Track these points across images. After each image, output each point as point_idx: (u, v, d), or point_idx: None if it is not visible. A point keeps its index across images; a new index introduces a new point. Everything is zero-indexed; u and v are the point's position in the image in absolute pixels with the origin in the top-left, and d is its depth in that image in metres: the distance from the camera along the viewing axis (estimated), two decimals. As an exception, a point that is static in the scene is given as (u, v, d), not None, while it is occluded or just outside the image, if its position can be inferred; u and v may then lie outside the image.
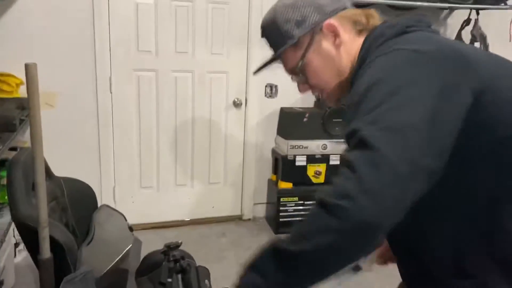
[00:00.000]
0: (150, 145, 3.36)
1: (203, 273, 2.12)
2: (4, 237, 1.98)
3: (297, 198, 3.35)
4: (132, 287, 1.90)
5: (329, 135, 3.32)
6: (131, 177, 3.37)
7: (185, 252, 1.99)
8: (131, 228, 2.32)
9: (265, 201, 3.67)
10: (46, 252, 1.46)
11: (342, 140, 3.13)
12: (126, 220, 2.26)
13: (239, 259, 3.00)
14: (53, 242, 1.51)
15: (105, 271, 1.78)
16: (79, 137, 3.12)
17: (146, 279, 1.94)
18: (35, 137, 1.35)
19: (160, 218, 3.48)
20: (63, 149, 3.01)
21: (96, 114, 3.12)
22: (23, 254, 2.41)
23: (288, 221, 3.37)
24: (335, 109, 3.23)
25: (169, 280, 1.86)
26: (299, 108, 3.38)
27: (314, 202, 0.76)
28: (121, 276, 1.90)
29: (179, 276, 1.95)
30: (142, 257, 2.11)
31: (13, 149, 2.17)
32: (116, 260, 1.99)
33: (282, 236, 0.77)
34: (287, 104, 3.42)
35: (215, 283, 2.23)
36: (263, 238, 3.36)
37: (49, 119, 2.94)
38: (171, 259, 1.87)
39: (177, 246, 1.79)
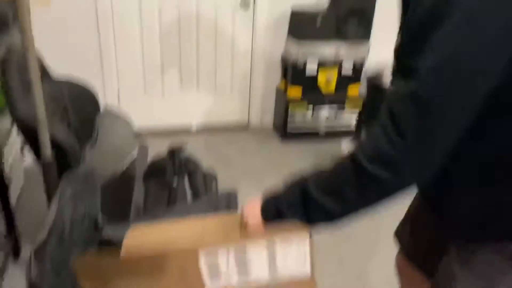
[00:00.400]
0: (153, 51, 3.21)
1: (210, 177, 2.10)
2: (7, 138, 1.94)
3: (306, 106, 3.27)
4: (139, 192, 1.89)
5: (343, 37, 3.12)
6: (135, 83, 3.28)
7: (192, 156, 1.96)
8: (137, 133, 2.27)
9: (273, 109, 3.60)
10: (47, 154, 1.41)
11: (357, 42, 3.07)
12: (131, 125, 2.21)
13: (246, 167, 3.01)
14: (55, 143, 1.47)
15: (111, 176, 1.76)
16: (79, 39, 2.98)
17: (153, 182, 1.93)
18: (25, 29, 1.23)
19: (166, 125, 3.44)
20: (61, 51, 2.88)
21: (96, 16, 2.94)
22: (31, 156, 2.40)
23: (296, 130, 3.33)
24: (351, 8, 3.01)
25: (175, 183, 1.84)
26: (311, 9, 3.15)
27: (348, 155, 0.73)
28: (127, 181, 1.89)
29: (186, 179, 1.94)
30: (149, 161, 2.09)
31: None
32: (123, 164, 1.97)
33: (311, 168, 0.79)
34: (298, 4, 3.18)
35: (223, 188, 2.24)
36: (270, 146, 3.34)
37: (46, 20, 2.78)
38: (177, 162, 1.84)
39: (182, 149, 1.74)
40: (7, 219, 1.84)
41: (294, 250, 0.92)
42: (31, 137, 1.48)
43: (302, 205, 0.78)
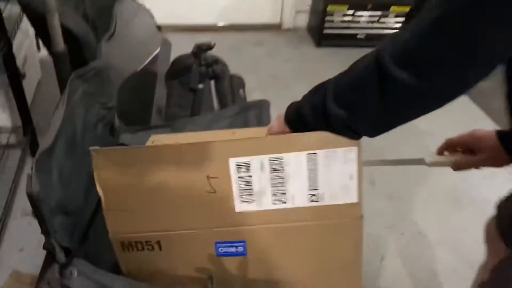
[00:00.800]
0: None
1: (238, 82, 1.91)
2: (15, 26, 1.77)
3: (347, 6, 2.93)
4: (161, 92, 1.74)
5: None
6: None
7: (219, 57, 1.76)
8: (159, 28, 2.06)
9: (308, 9, 3.26)
10: (58, 43, 1.24)
11: None
12: (153, 17, 1.98)
13: (276, 70, 2.79)
14: (67, 32, 1.29)
15: (130, 73, 1.59)
16: None
17: (177, 83, 1.76)
18: None
19: (191, 20, 3.18)
20: None
21: None
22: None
23: (334, 33, 3.03)
24: None
25: (201, 86, 1.67)
26: None
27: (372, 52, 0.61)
28: (148, 79, 1.73)
29: (212, 82, 1.76)
30: (171, 60, 1.91)
31: None
32: (143, 61, 1.79)
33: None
34: None
35: (250, 95, 2.06)
36: (303, 50, 3.08)
37: None
38: (203, 63, 1.65)
39: (209, 47, 1.54)
40: (22, 114, 1.73)
41: (339, 164, 0.77)
42: (41, 26, 1.30)
43: (323, 113, 0.68)
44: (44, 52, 2.22)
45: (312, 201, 0.80)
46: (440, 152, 0.94)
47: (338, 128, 0.70)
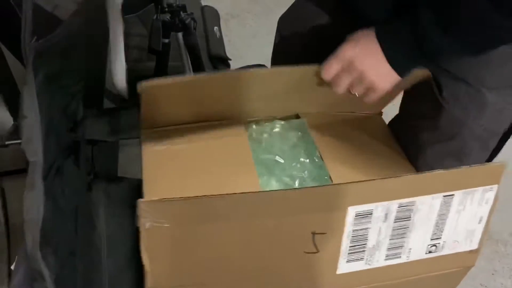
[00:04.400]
0: None
1: (211, 17, 1.51)
2: None
3: None
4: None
5: None
6: None
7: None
8: None
9: None
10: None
11: None
12: None
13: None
14: None
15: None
16: None
17: (136, 19, 1.34)
18: None
19: None
20: None
21: None
22: None
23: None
24: None
25: (166, 41, 1.28)
26: None
27: None
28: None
29: (180, 35, 1.37)
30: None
31: None
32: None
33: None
34: None
35: (226, 27, 1.58)
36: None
37: None
38: (166, 9, 1.25)
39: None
40: None
41: (473, 207, 0.58)
42: None
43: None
44: None
45: (430, 252, 0.60)
46: None
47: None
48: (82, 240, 0.68)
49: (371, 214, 0.53)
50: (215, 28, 1.48)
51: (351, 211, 0.52)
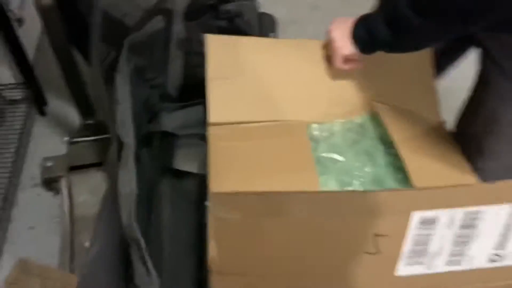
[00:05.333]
0: None
1: (268, 23, 1.53)
2: None
3: None
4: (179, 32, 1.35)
5: None
6: None
7: (243, 4, 1.38)
8: None
9: None
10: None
11: None
12: None
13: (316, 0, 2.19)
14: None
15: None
16: None
17: (196, 26, 1.38)
18: None
19: None
20: None
21: None
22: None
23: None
24: None
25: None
26: None
27: None
28: (163, 18, 1.34)
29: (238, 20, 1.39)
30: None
31: None
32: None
33: None
34: None
35: (284, 32, 1.54)
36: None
37: None
38: (223, 16, 1.27)
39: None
40: (20, 64, 1.29)
41: None
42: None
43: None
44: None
45: (492, 261, 0.59)
46: None
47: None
48: (151, 227, 0.72)
49: (435, 220, 0.54)
50: (271, 34, 1.49)
51: (415, 216, 0.53)
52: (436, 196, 0.53)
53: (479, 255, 0.58)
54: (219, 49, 0.66)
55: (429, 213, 0.53)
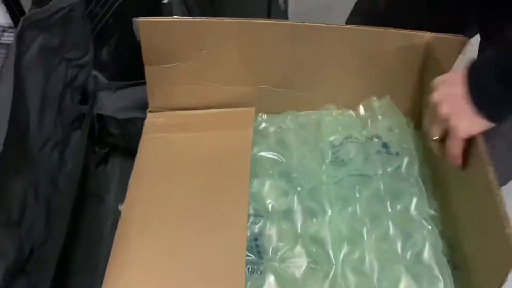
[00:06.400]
0: None
1: None
2: None
3: None
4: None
5: None
6: None
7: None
8: None
9: None
10: None
11: None
12: None
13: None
14: None
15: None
16: None
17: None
18: None
19: None
20: None
21: None
22: None
23: None
24: None
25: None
26: None
27: None
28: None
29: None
30: None
31: None
32: None
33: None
34: None
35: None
36: None
37: None
38: None
39: None
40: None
41: None
42: None
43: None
44: None
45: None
46: None
47: None
48: (87, 213, 0.69)
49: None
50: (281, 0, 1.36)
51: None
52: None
53: None
54: (152, 33, 0.61)
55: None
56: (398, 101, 0.66)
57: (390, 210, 0.57)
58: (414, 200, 0.57)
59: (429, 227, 0.55)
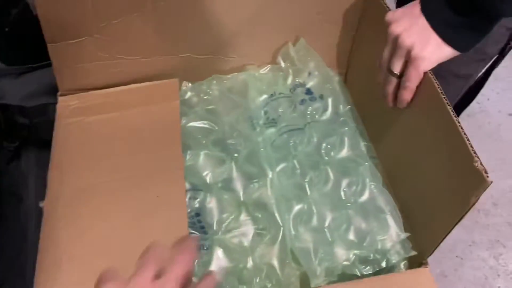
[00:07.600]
0: None
1: None
2: None
3: None
4: None
5: None
6: None
7: None
8: None
9: None
10: None
11: None
12: None
13: None
14: None
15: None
16: None
17: None
18: None
19: None
20: None
21: None
22: None
23: None
24: None
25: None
26: None
27: None
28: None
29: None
30: None
31: None
32: None
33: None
34: None
35: None
36: None
37: None
38: None
39: None
40: None
41: None
42: None
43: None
44: None
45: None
46: None
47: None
48: (4, 214, 0.62)
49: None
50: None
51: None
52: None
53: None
54: (51, 5, 0.53)
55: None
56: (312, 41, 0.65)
57: (326, 158, 0.56)
58: (346, 141, 0.58)
59: (366, 163, 0.55)
